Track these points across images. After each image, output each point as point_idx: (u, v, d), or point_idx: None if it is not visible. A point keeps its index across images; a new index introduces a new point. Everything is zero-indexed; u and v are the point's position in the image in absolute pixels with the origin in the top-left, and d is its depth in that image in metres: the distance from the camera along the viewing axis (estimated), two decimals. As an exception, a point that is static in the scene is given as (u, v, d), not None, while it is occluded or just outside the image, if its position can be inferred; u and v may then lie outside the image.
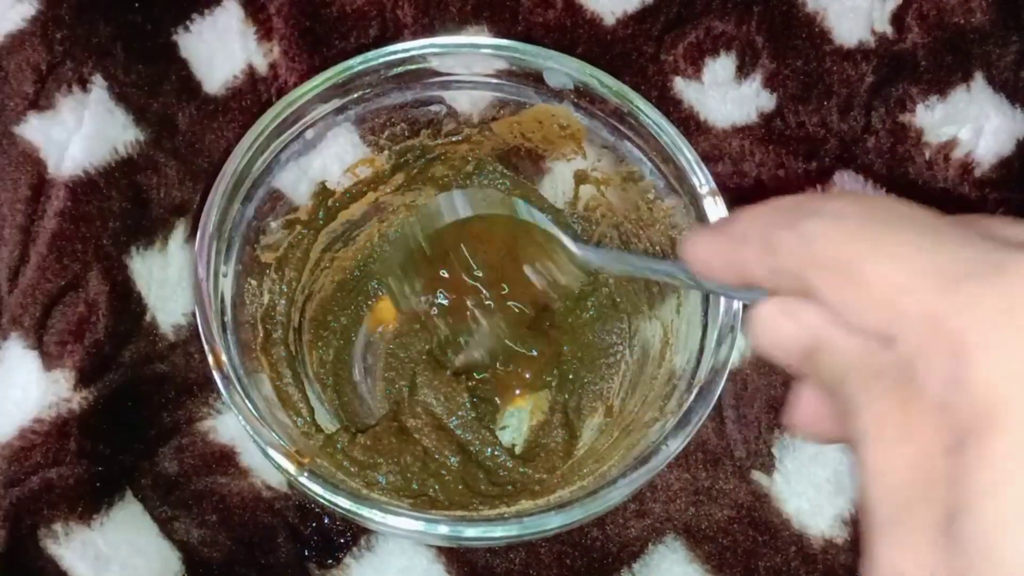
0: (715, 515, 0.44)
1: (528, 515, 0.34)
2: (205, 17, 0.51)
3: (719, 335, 0.36)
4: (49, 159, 0.48)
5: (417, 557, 0.43)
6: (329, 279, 0.45)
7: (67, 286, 0.46)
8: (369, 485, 0.39)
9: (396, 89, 0.41)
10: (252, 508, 0.43)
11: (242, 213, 0.39)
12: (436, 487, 0.40)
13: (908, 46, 0.51)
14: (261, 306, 0.41)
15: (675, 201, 0.40)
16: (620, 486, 0.35)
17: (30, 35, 0.49)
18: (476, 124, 0.43)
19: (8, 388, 0.45)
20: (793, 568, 0.44)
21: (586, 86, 0.40)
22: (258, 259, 0.41)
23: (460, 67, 0.41)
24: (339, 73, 0.39)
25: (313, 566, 0.43)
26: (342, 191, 0.43)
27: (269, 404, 0.38)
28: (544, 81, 0.40)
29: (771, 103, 0.50)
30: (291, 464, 0.35)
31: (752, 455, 0.45)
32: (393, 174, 0.44)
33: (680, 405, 0.36)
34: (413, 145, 0.43)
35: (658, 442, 0.35)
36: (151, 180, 0.48)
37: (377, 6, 0.51)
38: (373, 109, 0.41)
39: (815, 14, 0.51)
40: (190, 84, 0.50)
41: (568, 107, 0.41)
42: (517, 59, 0.40)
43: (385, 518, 0.34)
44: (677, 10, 0.51)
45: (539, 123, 0.42)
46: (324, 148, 0.42)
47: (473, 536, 0.35)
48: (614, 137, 0.41)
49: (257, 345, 0.40)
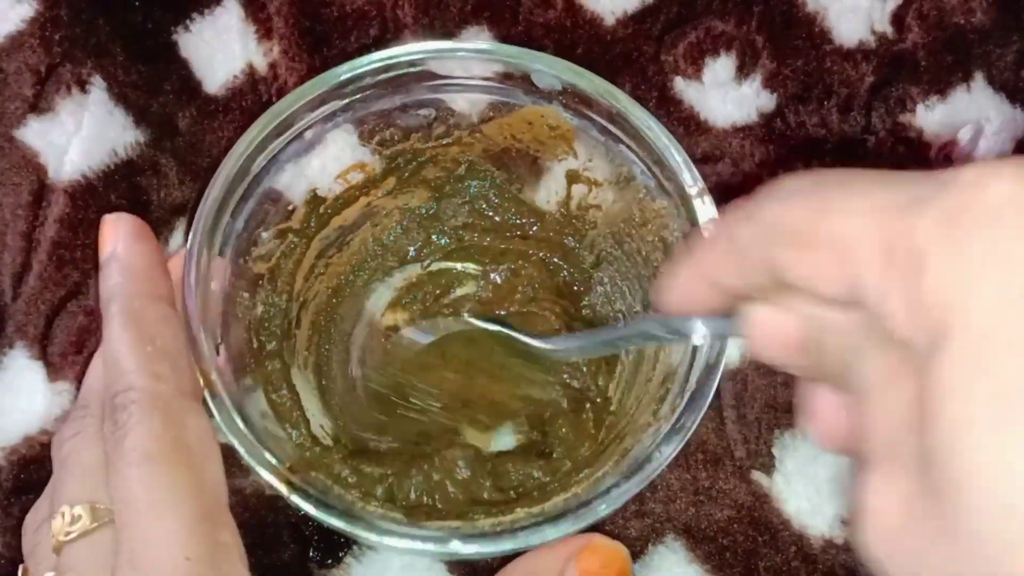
0: (715, 515, 0.44)
1: (522, 528, 0.34)
2: (205, 17, 0.50)
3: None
4: (49, 164, 0.48)
5: (418, 557, 0.44)
6: (324, 285, 0.45)
7: (68, 295, 0.46)
8: (366, 496, 0.39)
9: (388, 93, 0.41)
10: (253, 507, 0.44)
11: (232, 225, 0.39)
12: (436, 496, 0.40)
13: (908, 46, 0.51)
14: (255, 318, 0.41)
15: (666, 201, 0.39)
16: (613, 496, 0.34)
17: (29, 36, 0.49)
18: (466, 127, 0.43)
19: (15, 397, 0.45)
20: (793, 568, 0.44)
21: (574, 87, 0.39)
22: (250, 270, 0.41)
23: (459, 70, 0.41)
24: (332, 79, 0.39)
25: (314, 565, 0.43)
26: (333, 197, 0.43)
27: (264, 417, 0.38)
28: (533, 83, 0.40)
29: (771, 103, 0.50)
30: (282, 484, 0.34)
31: (752, 455, 0.45)
32: (385, 178, 0.44)
33: (673, 410, 0.36)
34: (404, 148, 0.43)
35: (652, 448, 0.35)
36: (151, 181, 0.48)
37: (377, 6, 0.51)
38: (366, 113, 0.41)
39: (815, 14, 0.51)
40: (190, 84, 0.49)
41: (557, 108, 0.41)
42: (504, 61, 0.40)
43: (381, 539, 0.34)
44: (677, 10, 0.51)
45: (529, 124, 0.42)
46: (319, 153, 0.42)
47: (469, 553, 0.34)
48: (604, 137, 0.41)
49: (251, 357, 0.40)
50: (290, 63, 0.49)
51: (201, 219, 0.37)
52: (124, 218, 0.37)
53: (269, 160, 0.39)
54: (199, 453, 0.34)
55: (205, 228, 0.37)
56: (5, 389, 0.45)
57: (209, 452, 0.34)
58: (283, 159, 0.40)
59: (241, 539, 0.34)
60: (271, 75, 0.49)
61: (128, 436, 0.33)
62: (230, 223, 0.38)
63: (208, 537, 0.32)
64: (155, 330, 0.35)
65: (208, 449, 0.34)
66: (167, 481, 0.32)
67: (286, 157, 0.40)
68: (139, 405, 0.33)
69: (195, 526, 0.32)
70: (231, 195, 0.38)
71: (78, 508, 0.33)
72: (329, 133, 0.41)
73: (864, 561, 0.23)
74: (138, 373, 0.34)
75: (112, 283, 0.36)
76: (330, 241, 0.44)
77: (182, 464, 0.33)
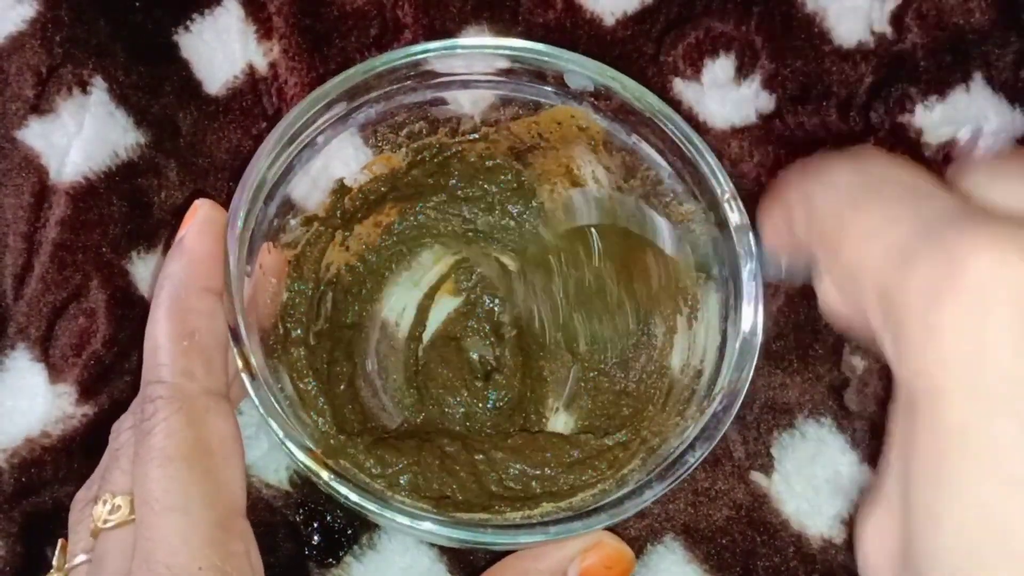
0: (714, 515, 0.44)
1: (554, 523, 0.34)
2: (205, 17, 0.50)
3: (742, 344, 0.36)
4: (50, 166, 0.48)
5: (419, 557, 0.44)
6: (346, 272, 0.45)
7: (69, 297, 0.46)
8: (392, 486, 0.39)
9: (413, 89, 0.41)
10: (251, 507, 0.43)
11: (264, 212, 0.38)
12: (459, 487, 0.40)
13: (907, 46, 0.51)
14: (280, 304, 0.41)
15: (694, 205, 0.40)
16: (646, 497, 0.35)
17: (30, 37, 0.49)
18: (493, 123, 0.43)
19: (16, 398, 0.45)
20: (792, 568, 0.44)
21: (607, 88, 0.39)
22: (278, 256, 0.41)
23: (480, 67, 0.41)
24: (358, 74, 0.39)
25: (313, 565, 0.44)
26: (358, 187, 0.43)
27: (293, 405, 0.38)
28: (564, 83, 0.40)
29: (770, 104, 0.50)
30: (321, 469, 0.34)
31: (751, 456, 0.45)
32: (409, 171, 0.44)
33: (702, 411, 0.36)
34: (430, 143, 0.43)
35: (681, 449, 0.35)
36: (152, 183, 0.48)
37: (377, 5, 0.51)
38: (397, 106, 0.41)
39: (815, 14, 0.51)
40: (191, 84, 0.49)
41: (587, 109, 0.41)
42: (537, 60, 0.40)
43: (415, 524, 0.34)
44: (677, 11, 0.51)
45: (558, 124, 0.42)
46: (336, 150, 0.42)
47: (502, 543, 0.35)
48: (633, 140, 0.41)
49: (278, 345, 0.40)
50: (290, 63, 0.49)
51: (240, 205, 0.37)
52: (204, 205, 0.38)
53: (301, 148, 0.39)
54: (220, 456, 0.34)
55: (244, 214, 0.37)
56: (6, 391, 0.45)
57: (230, 456, 0.35)
58: (310, 153, 0.40)
59: (256, 544, 0.34)
60: (271, 75, 0.49)
61: (152, 433, 0.33)
62: (263, 209, 0.38)
63: (222, 547, 0.32)
64: (197, 323, 0.36)
65: (230, 452, 0.35)
66: (184, 486, 0.33)
67: (313, 151, 0.40)
68: (166, 401, 0.34)
69: (209, 534, 0.32)
70: (264, 183, 0.38)
71: (119, 499, 0.34)
72: (343, 132, 0.41)
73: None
74: (170, 367, 0.35)
75: (170, 268, 0.37)
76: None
77: (201, 469, 0.33)
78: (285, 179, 0.39)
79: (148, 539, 0.32)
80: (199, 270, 0.37)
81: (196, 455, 0.33)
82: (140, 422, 0.34)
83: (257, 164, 0.37)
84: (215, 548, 0.32)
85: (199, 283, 0.36)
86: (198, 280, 0.36)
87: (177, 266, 0.37)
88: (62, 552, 0.36)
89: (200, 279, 0.36)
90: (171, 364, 0.35)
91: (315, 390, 0.41)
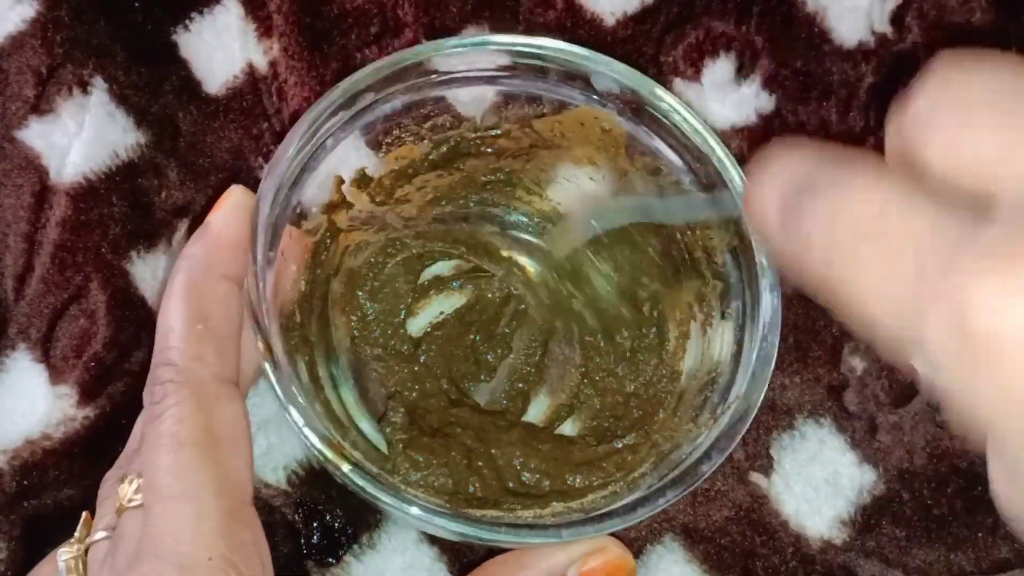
0: (713, 516, 0.45)
1: (566, 525, 0.34)
2: (205, 16, 0.50)
3: (759, 353, 0.36)
4: (51, 166, 0.47)
5: (419, 556, 0.44)
6: (359, 261, 0.45)
7: (70, 298, 0.46)
8: (405, 481, 0.39)
9: (441, 83, 0.41)
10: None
11: (288, 199, 0.38)
12: (471, 481, 0.40)
13: (908, 46, 0.51)
14: (299, 292, 0.41)
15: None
16: (659, 503, 0.34)
17: (30, 37, 0.49)
18: (516, 120, 0.42)
19: (16, 399, 0.45)
20: (791, 569, 0.44)
21: (634, 92, 0.39)
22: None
23: (487, 63, 0.40)
24: (390, 65, 0.39)
25: (312, 564, 0.44)
26: (379, 177, 0.43)
27: (309, 395, 0.38)
28: (591, 84, 0.40)
29: (770, 104, 0.50)
30: (342, 460, 0.34)
31: (750, 456, 0.45)
32: (430, 162, 0.44)
33: (715, 419, 0.36)
34: (452, 136, 0.43)
35: (696, 456, 0.35)
36: (152, 183, 0.48)
37: (377, 4, 0.51)
38: (423, 99, 0.41)
39: (815, 14, 0.51)
40: (190, 84, 0.49)
41: (612, 111, 0.41)
42: (563, 61, 0.39)
43: (431, 518, 0.34)
44: (677, 11, 0.51)
45: (581, 124, 0.42)
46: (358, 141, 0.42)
47: (514, 541, 0.34)
48: (655, 144, 0.41)
49: (295, 334, 0.40)
50: (290, 61, 0.49)
51: (267, 192, 0.36)
52: (237, 191, 0.37)
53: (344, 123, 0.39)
54: (228, 444, 0.34)
55: (270, 203, 0.36)
56: (7, 392, 0.45)
57: (239, 444, 0.34)
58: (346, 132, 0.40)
59: (264, 533, 0.34)
60: (271, 74, 0.49)
61: (161, 418, 0.33)
62: (287, 196, 0.38)
63: (231, 536, 0.32)
64: (211, 309, 0.35)
65: (238, 440, 0.34)
66: (194, 474, 0.32)
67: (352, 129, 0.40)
68: (176, 386, 0.34)
69: (218, 523, 0.32)
70: (290, 171, 0.38)
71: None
72: (360, 127, 0.41)
73: None
74: (181, 351, 0.34)
75: (191, 250, 0.36)
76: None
77: (211, 457, 0.33)
78: (310, 166, 0.39)
79: (155, 526, 0.32)
80: (221, 256, 0.36)
81: (206, 442, 0.33)
82: (149, 404, 0.34)
83: (286, 150, 0.37)
84: (224, 537, 0.32)
85: (219, 269, 0.36)
86: (218, 266, 0.36)
87: (199, 249, 0.36)
88: (84, 526, 0.35)
89: (220, 265, 0.36)
90: (183, 347, 0.34)
91: (329, 380, 0.41)
